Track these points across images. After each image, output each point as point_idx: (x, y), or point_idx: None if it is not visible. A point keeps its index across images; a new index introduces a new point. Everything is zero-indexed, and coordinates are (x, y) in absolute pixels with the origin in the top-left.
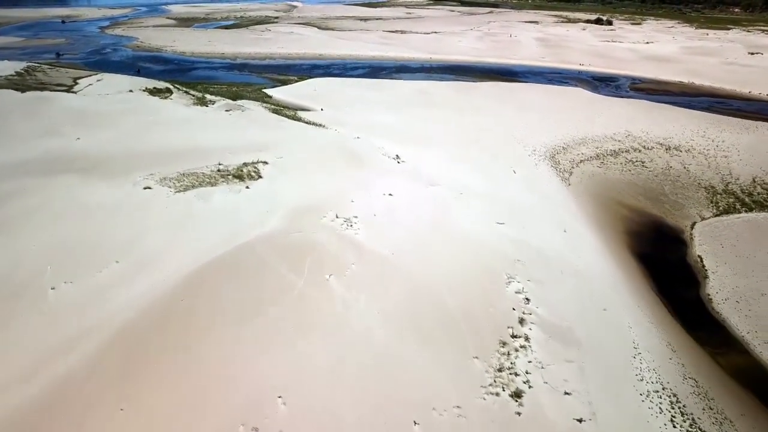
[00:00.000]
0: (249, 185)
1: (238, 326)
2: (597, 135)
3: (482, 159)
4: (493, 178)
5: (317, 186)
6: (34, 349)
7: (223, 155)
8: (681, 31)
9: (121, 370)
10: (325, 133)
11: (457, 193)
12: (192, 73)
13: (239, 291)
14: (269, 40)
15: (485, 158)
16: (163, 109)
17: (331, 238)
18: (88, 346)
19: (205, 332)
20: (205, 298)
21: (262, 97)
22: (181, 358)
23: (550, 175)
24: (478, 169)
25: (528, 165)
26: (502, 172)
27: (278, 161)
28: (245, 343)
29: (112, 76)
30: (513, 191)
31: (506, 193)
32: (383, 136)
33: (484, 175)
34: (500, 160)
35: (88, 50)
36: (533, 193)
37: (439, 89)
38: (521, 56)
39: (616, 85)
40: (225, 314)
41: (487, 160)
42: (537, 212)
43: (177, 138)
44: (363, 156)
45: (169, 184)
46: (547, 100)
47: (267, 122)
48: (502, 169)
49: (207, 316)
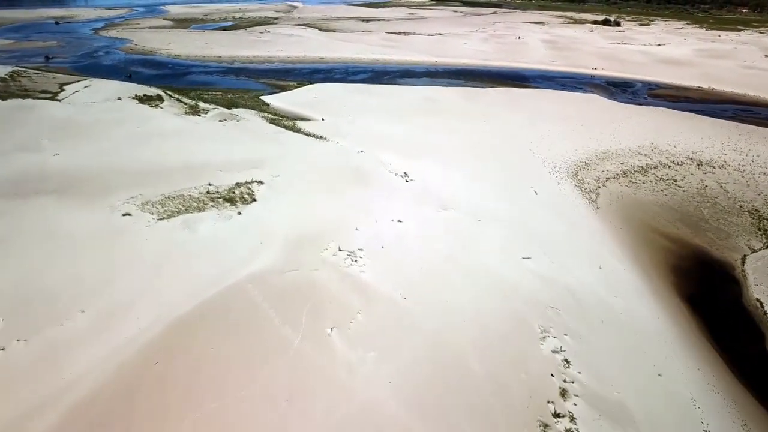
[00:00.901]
0: (241, 210)
1: (220, 400)
2: (621, 148)
3: (498, 176)
4: (512, 200)
5: (317, 210)
6: None
7: (214, 173)
8: (691, 32)
9: None
10: (326, 147)
11: (474, 219)
12: (186, 78)
13: (224, 349)
14: (268, 43)
15: (502, 176)
16: (152, 120)
17: (333, 277)
18: (35, 427)
19: (180, 408)
20: (182, 360)
21: (259, 105)
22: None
23: (575, 196)
24: (495, 189)
25: (550, 184)
26: (522, 192)
27: (274, 180)
28: (228, 421)
29: (101, 82)
30: (536, 217)
31: (529, 219)
32: (389, 149)
33: (502, 196)
34: (518, 177)
35: (79, 53)
36: (559, 218)
37: (446, 96)
38: (530, 59)
39: (632, 91)
40: (205, 383)
41: (504, 177)
42: (566, 243)
43: (164, 153)
44: (368, 174)
45: (151, 209)
46: (562, 108)
47: (263, 134)
48: (521, 189)
49: (183, 386)
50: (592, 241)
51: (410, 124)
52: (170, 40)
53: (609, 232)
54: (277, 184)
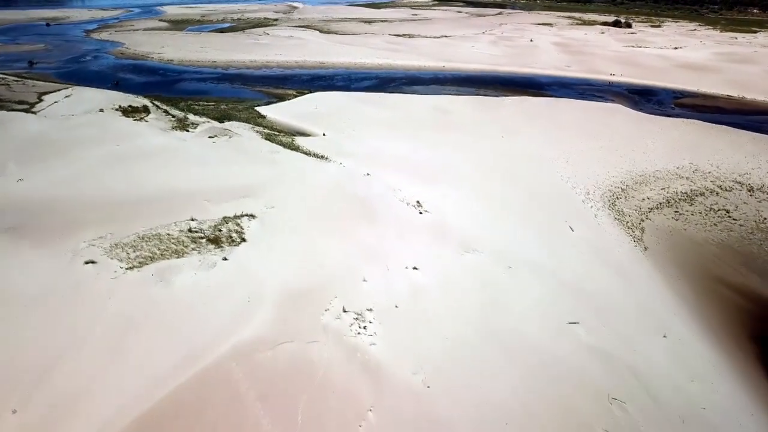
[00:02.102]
0: (228, 254)
1: None
2: (658, 170)
3: (526, 207)
4: (545, 238)
5: (317, 254)
6: None
7: (199, 205)
8: (706, 34)
9: None
10: (328, 169)
11: (504, 266)
12: (177, 86)
13: None
14: (266, 46)
15: (529, 206)
16: (134, 137)
17: (337, 354)
18: None
19: None
20: None
21: (255, 117)
22: None
23: (616, 232)
24: (524, 224)
25: (586, 217)
26: (556, 228)
27: (268, 213)
28: None
29: (84, 91)
30: (576, 261)
31: (568, 265)
32: (398, 170)
33: (533, 233)
34: (548, 208)
35: (65, 58)
36: (603, 264)
37: (458, 106)
38: (543, 64)
39: (657, 100)
40: None
41: (532, 208)
42: (616, 300)
43: (144, 179)
44: (376, 203)
45: (120, 254)
46: (585, 121)
47: (257, 154)
48: (554, 224)
49: None
50: (647, 297)
51: (420, 140)
52: (164, 43)
53: (665, 282)
54: (271, 219)
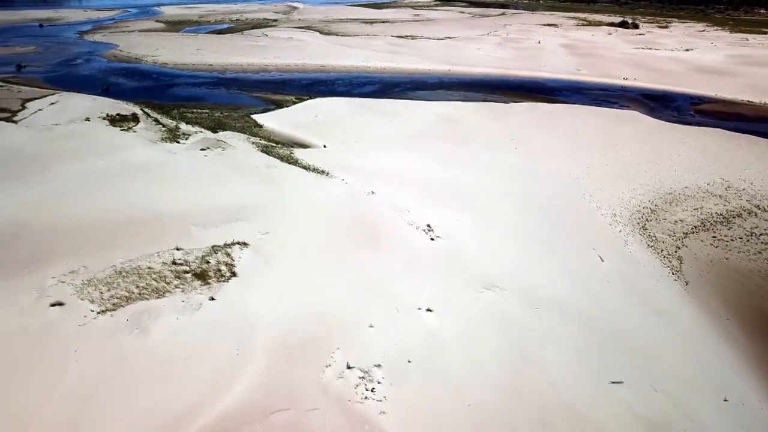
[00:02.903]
0: (215, 292)
1: None
2: (687, 186)
3: (547, 231)
4: (572, 271)
5: (317, 292)
6: None
7: (185, 230)
8: (716, 35)
9: None
10: (329, 186)
11: (530, 307)
12: (170, 91)
13: None
14: (265, 48)
15: (551, 230)
16: (120, 150)
17: (341, 425)
18: None
19: None
20: None
21: (251, 126)
22: None
23: (651, 263)
24: (548, 253)
25: (615, 244)
26: (583, 257)
27: (262, 241)
28: None
29: (72, 98)
30: (612, 302)
31: (601, 306)
32: (405, 188)
33: (558, 263)
34: (573, 232)
35: (56, 61)
36: (642, 303)
37: (467, 114)
38: (552, 68)
39: (675, 106)
40: None
41: (555, 233)
42: (663, 352)
43: (126, 200)
44: (382, 228)
45: (93, 293)
46: (602, 130)
47: (253, 169)
48: (581, 252)
49: None
50: (698, 347)
51: (428, 153)
52: (159, 46)
53: (714, 327)
54: (266, 247)
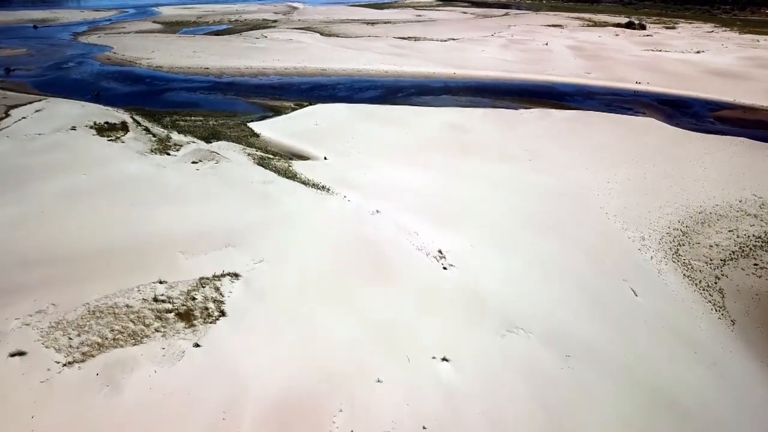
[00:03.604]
0: (200, 338)
1: None
2: (718, 204)
3: (572, 259)
4: (604, 308)
5: (317, 337)
6: None
7: (171, 259)
8: (725, 36)
9: None
10: (331, 205)
11: (560, 356)
12: (164, 97)
13: None
14: (263, 51)
15: (576, 257)
16: (105, 162)
17: None
18: None
19: None
20: None
21: (247, 135)
22: None
23: (690, 297)
24: (574, 286)
25: (648, 273)
26: (613, 291)
27: (256, 271)
28: None
29: (59, 104)
30: (651, 348)
31: (642, 355)
32: (413, 207)
33: (587, 299)
34: (600, 260)
35: (47, 64)
36: (685, 348)
37: (475, 122)
38: (561, 71)
39: (692, 112)
40: None
41: (580, 261)
42: (717, 415)
43: (107, 222)
44: (390, 255)
45: (60, 340)
46: (619, 139)
47: (248, 185)
48: (610, 284)
49: None
50: (757, 407)
51: (436, 165)
52: (154, 48)
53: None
54: (259, 280)
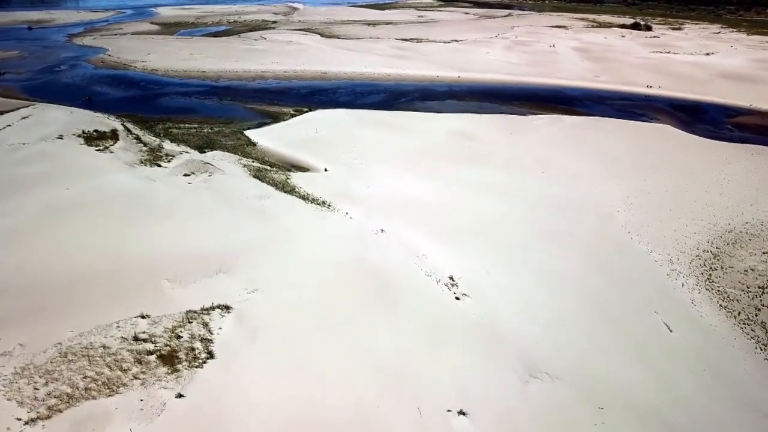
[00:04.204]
0: (184, 386)
1: None
2: (747, 221)
3: (596, 287)
4: (638, 348)
5: (318, 380)
6: None
7: (155, 288)
8: (733, 37)
9: None
10: (332, 223)
11: (593, 407)
12: (158, 102)
13: None
14: (262, 53)
15: (601, 284)
16: (92, 174)
17: None
18: None
19: None
20: None
21: (243, 144)
22: None
23: (730, 332)
24: (604, 321)
25: (680, 303)
26: (646, 326)
27: (249, 302)
28: None
29: (47, 110)
30: (696, 399)
31: (685, 408)
32: (419, 224)
33: (619, 337)
34: (627, 288)
35: (38, 67)
36: (732, 398)
37: (482, 129)
38: (569, 74)
39: (708, 118)
40: None
41: (606, 288)
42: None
43: (86, 243)
44: (396, 283)
45: (25, 389)
46: (634, 148)
47: (242, 200)
48: (642, 318)
49: None
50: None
51: (443, 177)
52: (150, 50)
53: None
54: (253, 314)
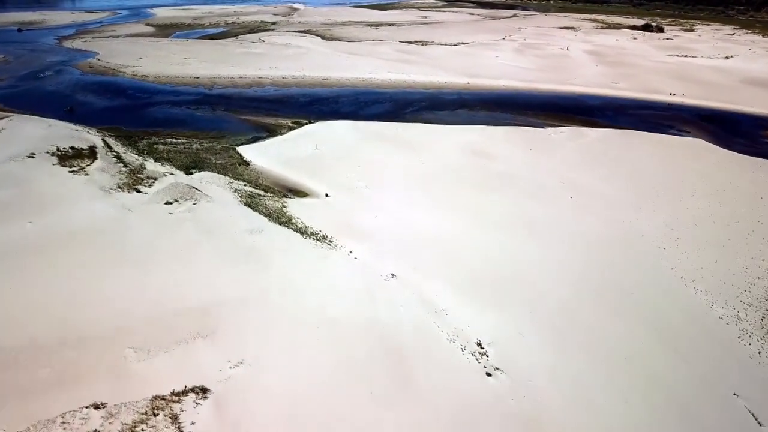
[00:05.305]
0: None
1: None
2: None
3: (653, 356)
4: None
5: None
6: None
7: (117, 361)
8: (748, 39)
9: None
10: (334, 265)
11: None
12: (145, 113)
13: None
14: (260, 57)
15: (658, 353)
16: (59, 203)
17: None
18: None
19: None
20: None
21: (235, 163)
22: None
23: None
24: (671, 406)
25: (764, 384)
26: (727, 417)
27: (231, 381)
28: None
29: (24, 123)
30: None
31: None
32: (436, 266)
33: (693, 430)
34: (692, 359)
35: (22, 73)
36: None
37: (498, 144)
38: (584, 80)
39: (742, 131)
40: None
41: (668, 361)
42: None
43: (39, 298)
44: (412, 351)
45: None
46: (668, 167)
47: (231, 237)
48: (719, 405)
49: None
50: None
51: (460, 207)
52: (143, 54)
53: None
54: (235, 399)
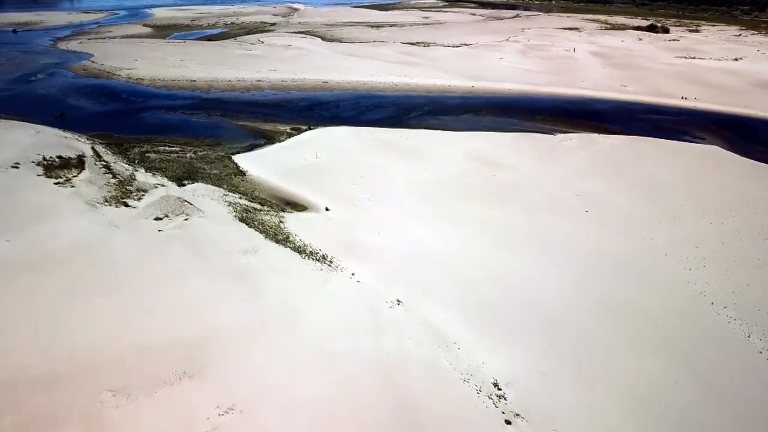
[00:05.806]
0: None
1: None
2: None
3: (690, 401)
4: None
5: None
6: None
7: (92, 408)
8: (756, 40)
9: None
10: (334, 290)
11: None
12: (138, 118)
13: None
14: (259, 59)
15: (697, 397)
16: (42, 220)
17: None
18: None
19: None
20: None
21: (230, 174)
22: None
23: None
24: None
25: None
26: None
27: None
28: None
29: (10, 129)
30: None
31: None
32: (444, 294)
33: None
34: (734, 402)
35: (13, 76)
36: None
37: (506, 152)
38: (592, 83)
39: (759, 137)
40: None
41: (708, 406)
42: None
43: (10, 331)
44: (422, 394)
45: None
46: (684, 176)
47: (224, 258)
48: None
49: None
50: None
51: (468, 223)
52: (139, 56)
53: None
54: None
